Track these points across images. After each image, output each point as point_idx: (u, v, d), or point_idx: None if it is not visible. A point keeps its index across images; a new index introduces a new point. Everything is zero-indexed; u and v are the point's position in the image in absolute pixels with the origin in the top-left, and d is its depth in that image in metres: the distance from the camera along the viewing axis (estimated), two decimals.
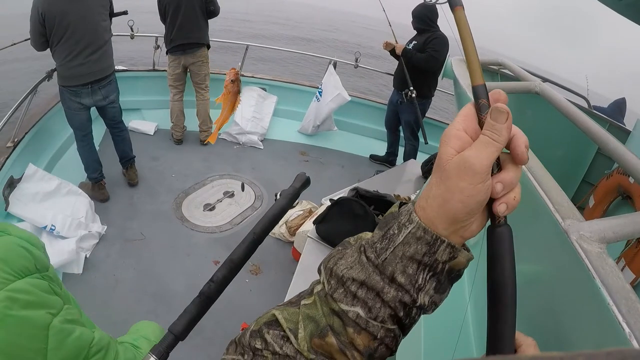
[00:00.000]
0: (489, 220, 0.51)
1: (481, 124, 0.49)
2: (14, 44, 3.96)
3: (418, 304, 0.49)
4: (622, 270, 1.90)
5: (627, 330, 0.60)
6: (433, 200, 0.48)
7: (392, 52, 5.02)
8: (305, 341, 0.51)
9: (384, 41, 5.03)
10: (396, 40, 4.75)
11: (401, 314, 0.50)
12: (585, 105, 4.34)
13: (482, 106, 0.49)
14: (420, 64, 4.47)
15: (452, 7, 0.57)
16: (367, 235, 0.55)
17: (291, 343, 0.51)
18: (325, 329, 0.51)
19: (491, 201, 0.49)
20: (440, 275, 0.49)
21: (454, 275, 0.51)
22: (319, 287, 0.54)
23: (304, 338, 0.51)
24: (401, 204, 0.54)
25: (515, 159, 0.49)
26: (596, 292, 0.67)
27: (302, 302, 0.55)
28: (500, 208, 0.48)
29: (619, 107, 5.22)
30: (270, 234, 3.42)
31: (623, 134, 2.87)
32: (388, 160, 5.60)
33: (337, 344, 0.50)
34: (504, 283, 0.49)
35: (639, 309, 0.62)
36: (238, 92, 4.15)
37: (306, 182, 1.01)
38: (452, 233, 0.49)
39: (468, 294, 1.55)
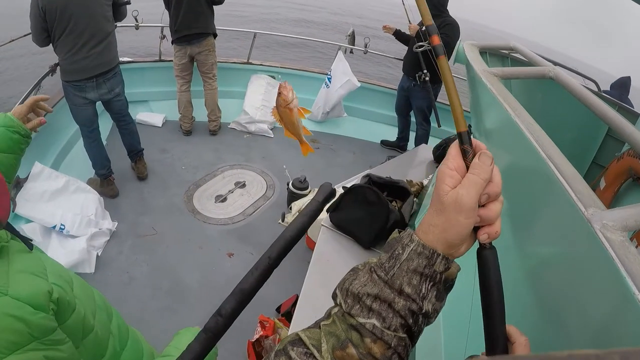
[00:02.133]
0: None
1: (466, 163, 0.62)
2: (12, 40, 3.93)
3: (424, 311, 0.58)
4: None
5: None
6: (435, 228, 0.59)
7: (398, 36, 4.98)
8: (329, 353, 0.57)
9: (383, 25, 5.04)
10: (410, 22, 4.68)
11: (410, 321, 0.57)
12: (594, 88, 4.40)
13: (466, 151, 0.62)
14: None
15: (436, 56, 0.67)
16: (373, 260, 0.63)
17: (315, 358, 0.57)
18: (345, 341, 0.57)
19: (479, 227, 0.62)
20: (439, 284, 0.59)
21: (448, 285, 0.61)
22: (335, 309, 0.62)
23: (327, 350, 0.57)
24: (401, 230, 0.64)
25: (491, 197, 0.60)
26: (621, 281, 0.67)
27: (322, 322, 0.61)
28: (482, 237, 0.61)
29: (624, 85, 5.44)
30: (283, 223, 3.40)
31: (632, 117, 2.85)
32: (399, 145, 5.57)
33: (357, 354, 0.56)
34: (492, 294, 0.62)
35: None
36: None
37: (330, 195, 0.89)
38: (446, 254, 0.59)
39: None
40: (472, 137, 0.63)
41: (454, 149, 0.63)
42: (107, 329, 1.05)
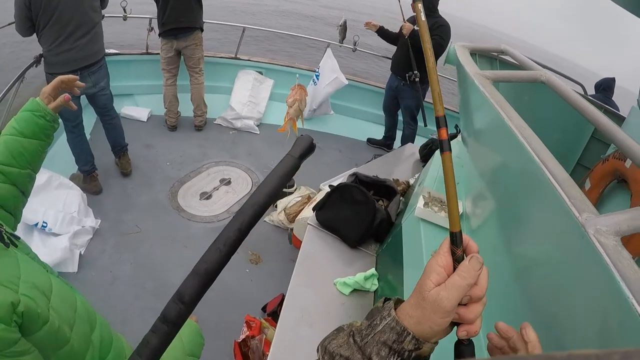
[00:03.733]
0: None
1: (455, 259, 0.63)
2: None
3: None
4: None
5: None
6: (410, 318, 0.62)
7: (382, 34, 4.97)
8: None
9: (366, 21, 4.99)
10: (404, 20, 4.64)
11: None
12: (581, 91, 4.58)
13: (457, 256, 0.63)
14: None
15: (442, 151, 0.69)
16: (357, 323, 0.68)
17: None
18: None
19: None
20: None
21: None
22: None
23: None
24: (386, 300, 0.68)
25: (473, 299, 0.62)
26: (615, 285, 0.69)
27: None
28: (461, 334, 0.63)
29: (609, 87, 5.56)
30: (268, 221, 3.38)
31: (618, 120, 2.91)
32: (386, 144, 5.59)
33: None
34: None
35: None
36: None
37: (309, 149, 0.77)
38: (419, 337, 0.62)
39: None
40: (463, 235, 0.65)
41: (446, 246, 0.65)
42: (86, 340, 1.02)
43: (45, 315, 0.88)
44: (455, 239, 0.64)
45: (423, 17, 0.76)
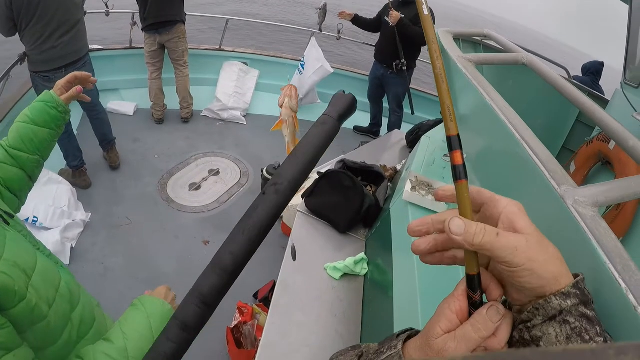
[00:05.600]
0: None
1: (471, 304, 0.54)
2: None
3: None
4: None
5: (623, 286, 0.64)
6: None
7: (358, 22, 5.00)
8: None
9: (340, 11, 4.97)
10: (391, 9, 4.52)
11: None
12: (565, 75, 4.59)
13: (474, 301, 0.54)
14: (416, 36, 4.41)
15: (455, 179, 0.55)
16: (374, 345, 0.65)
17: None
18: None
19: None
20: None
21: None
22: None
23: None
24: (405, 331, 0.63)
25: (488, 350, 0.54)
26: (593, 252, 0.71)
27: None
28: None
29: (598, 71, 5.57)
30: None
31: (602, 103, 2.95)
32: (372, 131, 5.62)
33: None
34: None
35: (632, 267, 0.67)
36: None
37: (349, 109, 0.66)
38: None
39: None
40: (484, 274, 0.56)
41: (461, 287, 0.55)
42: (65, 318, 1.05)
43: (23, 292, 0.90)
44: (473, 283, 0.54)
45: (426, 12, 0.63)
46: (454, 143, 0.56)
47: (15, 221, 1.10)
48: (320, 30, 5.58)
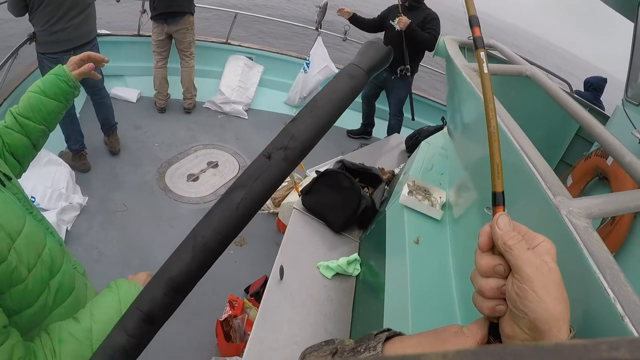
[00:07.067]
0: None
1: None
2: None
3: None
4: None
5: (612, 296, 0.66)
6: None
7: (356, 22, 4.95)
8: None
9: (338, 8, 4.88)
10: (400, 13, 4.41)
11: None
12: (567, 89, 4.57)
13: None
14: (424, 42, 4.38)
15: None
16: (349, 341, 0.66)
17: None
18: None
19: None
20: None
21: None
22: None
23: None
24: (383, 331, 0.64)
25: None
26: (584, 262, 0.73)
27: None
28: None
29: (600, 87, 5.52)
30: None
31: (602, 119, 2.96)
32: (366, 131, 5.59)
33: None
34: None
35: (621, 278, 0.69)
36: None
37: (383, 60, 0.60)
38: None
39: (452, 267, 1.58)
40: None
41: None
42: (42, 284, 1.06)
43: (4, 254, 0.92)
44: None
45: (486, 70, 0.61)
46: (498, 199, 0.60)
47: (12, 184, 1.14)
48: (316, 29, 5.56)
